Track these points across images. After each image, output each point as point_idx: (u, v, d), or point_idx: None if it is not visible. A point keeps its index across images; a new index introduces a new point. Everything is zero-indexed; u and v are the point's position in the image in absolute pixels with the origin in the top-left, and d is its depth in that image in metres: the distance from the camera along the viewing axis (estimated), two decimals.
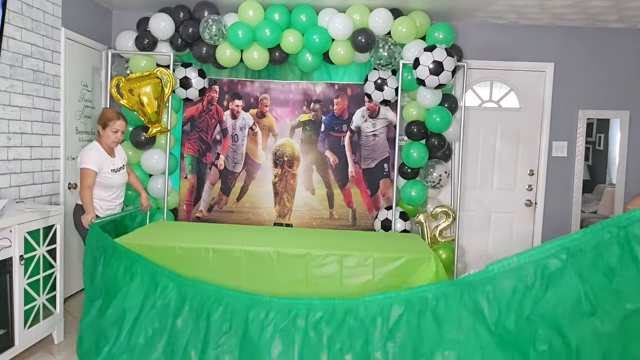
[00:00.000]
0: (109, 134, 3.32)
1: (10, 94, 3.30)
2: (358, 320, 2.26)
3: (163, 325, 2.54)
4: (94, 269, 2.79)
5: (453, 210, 4.23)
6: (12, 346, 2.83)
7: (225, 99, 4.61)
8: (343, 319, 2.27)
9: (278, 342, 2.33)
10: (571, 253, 1.91)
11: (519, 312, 1.98)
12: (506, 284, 2.02)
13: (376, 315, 2.24)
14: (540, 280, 1.96)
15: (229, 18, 4.13)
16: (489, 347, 2.05)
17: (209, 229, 3.36)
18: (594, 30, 4.58)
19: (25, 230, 2.86)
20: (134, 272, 2.68)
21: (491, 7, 4.11)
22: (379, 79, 4.23)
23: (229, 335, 2.41)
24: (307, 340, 2.30)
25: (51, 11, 3.69)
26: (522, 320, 1.98)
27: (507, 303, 2.01)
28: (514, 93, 4.71)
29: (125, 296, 2.66)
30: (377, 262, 2.76)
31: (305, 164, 4.64)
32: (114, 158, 3.39)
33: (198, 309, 2.49)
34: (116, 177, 3.37)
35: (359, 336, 2.25)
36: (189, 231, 3.26)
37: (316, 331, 2.30)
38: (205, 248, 2.81)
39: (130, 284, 2.67)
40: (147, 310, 2.58)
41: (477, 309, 2.08)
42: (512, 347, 2.00)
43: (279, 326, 2.33)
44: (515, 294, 2.00)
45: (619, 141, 4.75)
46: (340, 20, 3.98)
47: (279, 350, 2.32)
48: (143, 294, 2.62)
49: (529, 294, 1.97)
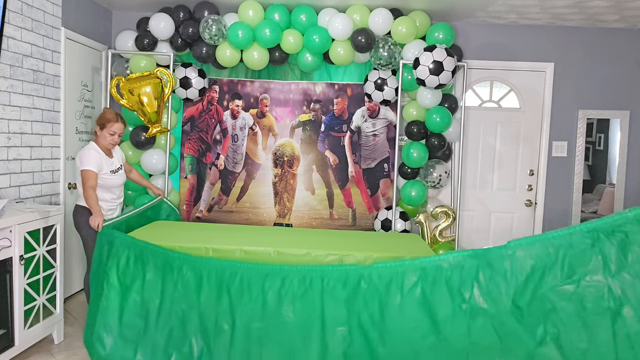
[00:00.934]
0: (106, 135, 3.28)
1: (10, 94, 3.30)
2: (372, 286, 2.35)
3: (190, 304, 2.63)
4: (105, 266, 2.79)
5: (453, 210, 4.23)
6: (12, 346, 2.83)
7: (225, 99, 4.61)
8: (357, 283, 2.37)
9: (296, 308, 2.47)
10: (598, 237, 1.92)
11: (534, 292, 1.98)
12: (526, 262, 2.02)
13: (390, 281, 2.31)
14: (561, 263, 1.96)
15: (229, 18, 4.13)
16: (500, 323, 2.06)
17: (209, 229, 3.36)
18: (594, 30, 4.57)
19: (25, 230, 2.86)
20: (145, 260, 2.72)
21: (491, 7, 4.11)
22: (379, 79, 4.23)
23: (250, 305, 2.54)
24: (323, 304, 2.43)
25: (51, 11, 3.69)
26: (536, 301, 1.98)
27: (524, 281, 2.01)
28: (514, 93, 4.71)
29: (142, 285, 2.70)
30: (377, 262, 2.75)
31: (305, 164, 4.64)
32: (111, 159, 3.36)
33: (217, 283, 2.59)
34: (115, 178, 3.36)
35: (373, 301, 2.35)
36: (189, 231, 3.26)
37: (332, 295, 2.42)
38: (205, 248, 2.81)
39: (144, 272, 2.71)
40: (170, 293, 2.65)
41: (492, 284, 2.09)
42: (521, 325, 2.01)
43: (297, 293, 2.46)
44: (533, 274, 1.99)
45: (619, 141, 4.75)
46: (340, 20, 3.97)
47: (298, 315, 2.46)
48: (161, 280, 2.68)
49: (548, 275, 1.96)
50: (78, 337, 3.41)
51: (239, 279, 2.58)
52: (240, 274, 2.58)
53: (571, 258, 1.95)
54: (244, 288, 2.56)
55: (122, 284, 2.73)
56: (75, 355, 3.15)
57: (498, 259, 2.12)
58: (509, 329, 2.05)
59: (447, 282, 2.21)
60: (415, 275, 2.31)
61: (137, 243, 2.76)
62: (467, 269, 2.18)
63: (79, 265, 4.30)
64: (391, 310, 2.33)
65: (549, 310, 1.97)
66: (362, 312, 2.39)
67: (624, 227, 1.90)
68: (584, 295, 1.93)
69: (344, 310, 2.42)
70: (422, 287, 2.28)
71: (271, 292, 2.51)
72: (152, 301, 2.68)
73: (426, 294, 2.26)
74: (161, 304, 2.67)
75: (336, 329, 2.42)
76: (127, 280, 2.73)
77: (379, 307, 2.36)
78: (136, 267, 2.73)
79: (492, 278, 2.10)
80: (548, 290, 1.97)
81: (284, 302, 2.50)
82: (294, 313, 2.49)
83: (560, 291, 1.96)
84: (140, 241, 2.76)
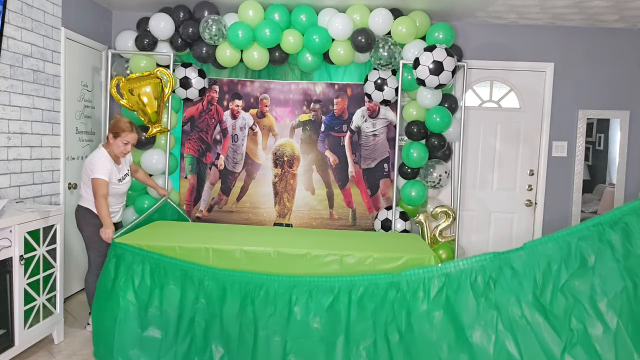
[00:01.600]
0: (119, 144, 3.27)
1: (10, 94, 3.30)
2: (400, 294, 2.39)
3: (212, 315, 2.67)
4: (118, 282, 2.79)
5: (453, 210, 4.23)
6: (12, 346, 2.83)
7: (225, 99, 4.61)
8: (385, 292, 2.41)
9: (324, 319, 2.49)
10: (603, 229, 2.08)
11: (555, 287, 2.09)
12: (542, 259, 2.13)
13: (417, 288, 2.35)
14: (574, 254, 2.09)
15: (229, 18, 4.13)
16: (526, 323, 2.14)
17: (209, 229, 3.36)
18: (594, 30, 4.57)
19: (25, 230, 2.86)
20: (162, 273, 2.74)
21: (491, 7, 4.11)
22: (379, 79, 4.23)
23: (274, 316, 2.57)
24: (351, 315, 2.46)
25: (51, 11, 3.69)
26: (557, 296, 2.08)
27: (544, 278, 2.11)
28: (514, 93, 4.71)
29: (161, 298, 2.72)
30: (377, 262, 2.75)
31: (305, 164, 4.64)
32: (119, 166, 3.38)
33: (241, 295, 2.63)
34: (121, 187, 3.39)
35: (401, 308, 2.37)
36: (189, 231, 3.26)
37: (360, 306, 2.45)
38: (205, 248, 2.81)
39: (162, 285, 2.73)
40: (190, 304, 2.69)
41: (516, 282, 2.18)
42: (548, 323, 2.10)
43: (324, 304, 2.50)
44: (550, 268, 2.11)
45: (619, 141, 4.75)
46: (340, 20, 3.97)
47: (325, 326, 2.49)
48: (180, 291, 2.71)
49: (565, 268, 2.08)
50: (78, 337, 3.41)
51: (264, 291, 2.61)
52: (266, 286, 2.62)
53: (582, 249, 2.07)
54: (269, 300, 2.60)
55: (139, 299, 2.75)
56: (75, 355, 3.15)
57: (517, 260, 2.20)
58: (531, 328, 2.13)
59: (472, 285, 2.27)
60: (441, 281, 2.34)
61: (152, 256, 2.77)
62: (490, 271, 2.24)
63: (79, 266, 4.30)
64: (418, 319, 2.34)
65: (572, 305, 2.07)
66: (389, 323, 2.41)
67: (624, 218, 2.08)
68: (596, 280, 2.05)
69: (370, 322, 2.44)
70: (447, 292, 2.32)
71: (298, 305, 2.55)
72: (172, 313, 2.71)
73: (450, 299, 2.30)
74: (181, 315, 2.71)
75: (360, 343, 2.44)
76: (144, 295, 2.75)
77: (406, 316, 2.37)
78: (153, 280, 2.75)
79: (513, 277, 2.19)
80: (567, 282, 2.08)
81: (310, 314, 2.52)
82: (320, 324, 2.51)
83: (577, 279, 2.08)
84: (155, 254, 2.77)
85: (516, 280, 2.18)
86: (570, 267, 2.09)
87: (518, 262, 2.21)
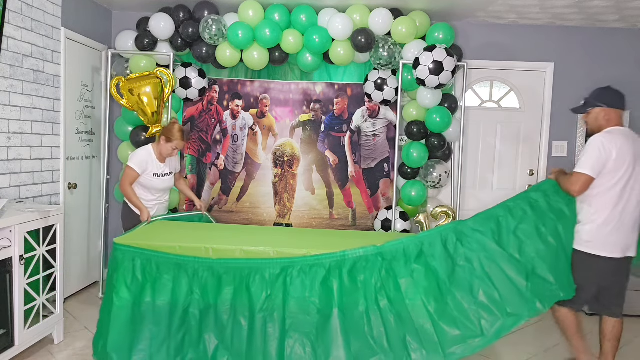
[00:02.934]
0: (169, 148, 3.52)
1: (10, 94, 3.30)
2: (386, 262, 2.67)
3: (207, 305, 2.71)
4: (112, 279, 2.81)
5: (453, 210, 4.21)
6: (12, 346, 2.83)
7: (225, 99, 4.61)
8: (373, 263, 2.67)
9: (318, 294, 2.66)
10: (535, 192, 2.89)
11: (508, 232, 2.75)
12: (493, 218, 2.78)
13: (400, 255, 2.69)
14: (520, 211, 2.81)
15: (229, 18, 4.13)
16: (492, 263, 2.71)
17: (209, 229, 3.36)
18: (594, 30, 4.57)
19: (25, 230, 2.86)
20: (154, 267, 2.74)
21: (491, 7, 4.11)
22: (379, 79, 4.23)
23: (271, 297, 2.68)
24: (344, 287, 2.66)
25: (51, 11, 3.69)
26: (511, 238, 2.75)
27: (498, 228, 2.76)
28: (514, 93, 4.71)
29: (153, 292, 2.73)
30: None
31: (305, 164, 4.64)
32: (162, 164, 3.57)
33: (235, 282, 2.71)
34: (156, 181, 3.54)
35: (388, 274, 2.67)
36: (189, 231, 3.26)
37: (351, 278, 2.67)
38: (205, 248, 2.80)
39: (154, 280, 2.74)
40: (183, 297, 2.72)
41: (478, 235, 2.75)
42: (510, 259, 2.72)
43: (318, 280, 2.66)
44: (502, 222, 2.77)
45: None
46: (340, 20, 3.98)
47: (321, 300, 2.65)
48: (172, 284, 2.73)
49: (515, 220, 2.77)
50: (78, 337, 3.41)
51: (259, 276, 2.70)
52: (261, 271, 2.70)
53: (520, 206, 2.81)
54: (265, 283, 2.69)
55: (132, 295, 2.75)
56: (75, 355, 3.15)
57: (475, 221, 2.77)
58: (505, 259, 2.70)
59: (444, 244, 2.72)
60: (418, 247, 2.70)
61: (144, 252, 2.76)
62: (456, 232, 2.76)
63: (79, 265, 4.30)
64: (404, 279, 2.66)
65: (522, 241, 2.74)
66: (379, 289, 2.66)
67: (542, 186, 2.91)
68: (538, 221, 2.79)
69: (362, 291, 2.66)
70: (425, 253, 2.69)
71: (293, 284, 2.67)
72: (165, 307, 2.72)
73: (428, 258, 2.68)
74: (174, 308, 2.72)
75: (354, 312, 2.65)
76: (137, 291, 2.75)
77: (393, 280, 2.66)
78: (144, 276, 2.75)
79: (475, 232, 2.74)
80: (517, 227, 2.74)
81: (305, 290, 2.66)
82: (316, 298, 2.65)
83: (522, 224, 2.78)
84: (147, 250, 2.76)
85: (478, 233, 2.72)
86: (515, 217, 2.76)
87: (476, 222, 2.75)
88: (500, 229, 2.74)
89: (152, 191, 3.57)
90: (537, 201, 2.83)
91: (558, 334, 3.17)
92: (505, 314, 2.60)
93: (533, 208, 2.79)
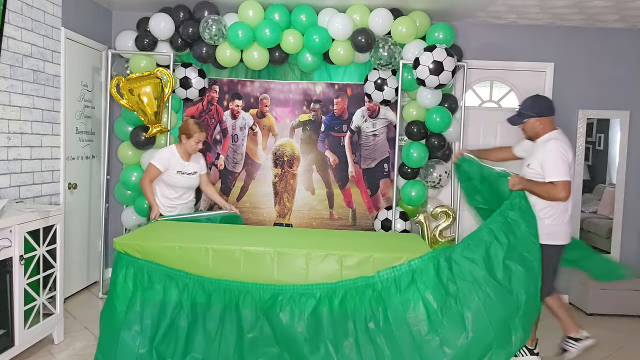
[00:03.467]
0: (193, 144, 3.56)
1: (10, 94, 3.30)
2: (376, 292, 2.65)
3: (195, 318, 2.71)
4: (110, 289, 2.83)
5: (453, 210, 4.23)
6: (12, 346, 2.83)
7: (225, 99, 4.61)
8: (363, 293, 2.66)
9: (309, 322, 2.64)
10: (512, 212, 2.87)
11: (498, 261, 2.72)
12: (482, 245, 2.74)
13: (390, 285, 2.65)
14: (504, 236, 2.79)
15: (229, 18, 4.13)
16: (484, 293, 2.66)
17: (209, 229, 3.36)
18: (594, 30, 4.57)
19: (25, 230, 2.86)
20: (144, 278, 2.74)
21: (491, 7, 4.11)
22: (379, 79, 4.23)
23: (261, 321, 2.67)
24: (333, 317, 2.64)
25: (51, 11, 3.69)
26: (502, 267, 2.71)
27: (489, 256, 2.73)
28: (514, 93, 4.71)
29: (142, 301, 2.72)
30: (377, 262, 2.75)
31: (305, 164, 4.64)
32: (187, 162, 3.62)
33: (225, 301, 2.70)
34: (180, 179, 3.59)
35: (378, 304, 2.64)
36: (189, 231, 3.25)
37: (341, 308, 2.66)
38: (205, 248, 2.80)
39: (144, 289, 2.73)
40: (171, 308, 2.71)
41: (469, 263, 2.71)
42: (501, 289, 2.69)
43: (308, 309, 2.64)
44: (491, 251, 2.74)
45: (619, 141, 4.75)
46: (340, 20, 3.98)
47: (309, 330, 2.63)
48: (162, 295, 2.72)
49: (502, 247, 2.75)
50: (78, 337, 3.41)
51: (249, 299, 2.69)
52: (252, 294, 2.70)
53: (503, 230, 2.80)
54: (254, 307, 2.68)
55: (121, 302, 2.74)
56: (75, 355, 3.16)
57: (464, 248, 2.73)
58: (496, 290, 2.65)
59: (437, 272, 2.66)
60: (409, 275, 2.64)
61: (137, 261, 2.75)
62: (446, 259, 2.69)
63: (79, 265, 4.30)
64: (394, 310, 2.61)
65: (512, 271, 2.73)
66: (368, 320, 2.63)
67: (514, 202, 2.89)
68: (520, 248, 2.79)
69: (351, 321, 2.63)
70: (417, 283, 2.63)
71: (282, 311, 2.66)
72: (153, 320, 2.71)
73: (420, 288, 2.62)
74: (160, 321, 2.71)
75: (344, 342, 2.63)
76: (126, 298, 2.73)
77: (383, 310, 2.62)
78: (135, 285, 2.74)
79: (465, 260, 2.69)
80: (506, 254, 2.73)
81: (294, 319, 2.64)
82: (304, 328, 2.63)
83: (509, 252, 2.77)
84: (140, 260, 2.76)
85: (468, 261, 2.68)
86: (502, 245, 2.73)
87: (466, 250, 2.71)
88: (490, 257, 2.71)
89: (175, 189, 3.61)
90: (517, 223, 2.82)
91: (558, 334, 3.17)
92: (496, 347, 2.58)
93: (515, 234, 2.79)
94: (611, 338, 3.79)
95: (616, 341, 3.74)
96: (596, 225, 5.64)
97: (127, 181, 4.23)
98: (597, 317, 4.28)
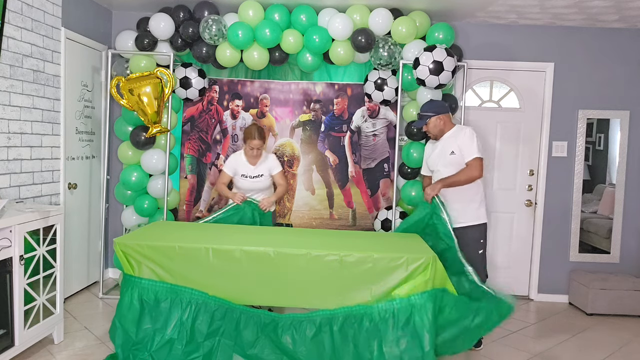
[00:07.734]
0: (248, 149, 3.72)
1: (10, 94, 3.30)
2: (373, 324, 2.72)
3: (196, 341, 2.78)
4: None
5: None
6: (12, 346, 2.83)
7: (225, 99, 4.61)
8: (361, 321, 2.73)
9: (309, 349, 2.74)
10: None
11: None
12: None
13: (388, 318, 2.72)
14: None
15: (229, 18, 4.13)
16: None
17: (209, 229, 3.36)
18: (594, 30, 4.57)
19: (25, 230, 2.86)
20: (149, 297, 2.80)
21: (491, 7, 4.11)
22: (379, 79, 4.23)
23: (263, 340, 2.79)
24: (334, 342, 2.74)
25: (51, 11, 3.69)
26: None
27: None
28: (514, 93, 4.71)
29: (138, 321, 2.79)
30: (377, 262, 2.75)
31: (305, 164, 4.64)
32: (253, 167, 3.76)
33: (227, 320, 2.80)
34: (243, 182, 3.77)
35: (374, 337, 2.72)
36: (189, 231, 3.26)
37: (341, 333, 2.75)
38: (205, 248, 2.81)
39: (151, 308, 2.79)
40: (172, 324, 2.78)
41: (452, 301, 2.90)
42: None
43: (309, 336, 2.75)
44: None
45: (619, 141, 4.75)
46: (340, 20, 3.98)
47: (311, 355, 2.74)
48: (167, 314, 2.79)
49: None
50: (78, 337, 3.41)
51: (251, 321, 2.78)
52: (252, 318, 2.79)
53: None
54: (255, 329, 2.78)
55: (127, 321, 2.81)
56: (75, 355, 3.15)
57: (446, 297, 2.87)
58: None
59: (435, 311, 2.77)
60: (408, 311, 2.71)
61: (141, 282, 2.81)
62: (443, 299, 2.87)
63: (79, 265, 4.30)
64: (388, 345, 2.71)
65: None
66: (364, 350, 2.72)
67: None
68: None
69: (352, 345, 2.74)
70: (414, 319, 2.70)
71: (283, 337, 2.76)
72: (156, 335, 2.78)
73: (417, 325, 2.70)
74: (162, 338, 2.78)
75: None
76: (130, 318, 2.80)
77: (378, 345, 2.71)
78: (141, 306, 2.81)
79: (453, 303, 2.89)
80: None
81: (296, 344, 2.74)
82: (305, 354, 2.74)
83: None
84: (145, 280, 2.81)
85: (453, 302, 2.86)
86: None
87: (457, 310, 2.86)
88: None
89: (242, 191, 3.77)
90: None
91: (558, 334, 3.18)
92: None
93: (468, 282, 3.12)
94: (611, 338, 3.80)
95: (616, 341, 3.74)
96: (596, 225, 5.63)
97: (127, 181, 4.23)
98: (597, 317, 4.28)
